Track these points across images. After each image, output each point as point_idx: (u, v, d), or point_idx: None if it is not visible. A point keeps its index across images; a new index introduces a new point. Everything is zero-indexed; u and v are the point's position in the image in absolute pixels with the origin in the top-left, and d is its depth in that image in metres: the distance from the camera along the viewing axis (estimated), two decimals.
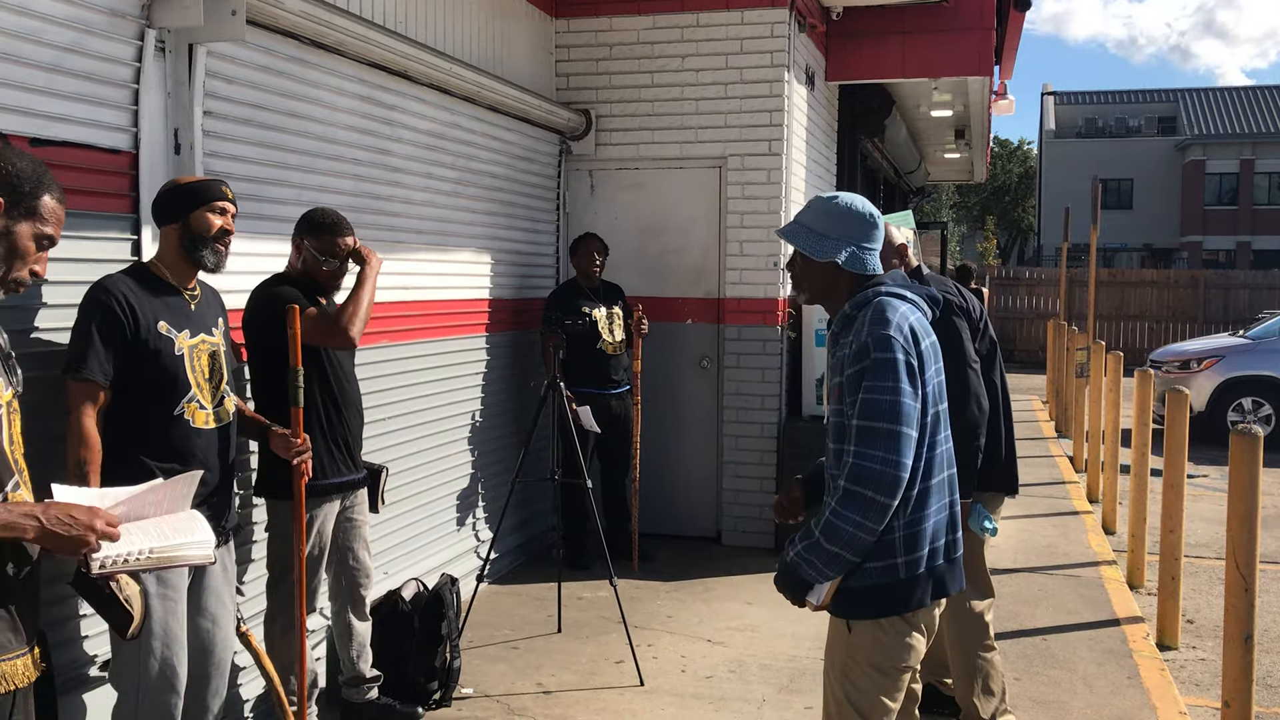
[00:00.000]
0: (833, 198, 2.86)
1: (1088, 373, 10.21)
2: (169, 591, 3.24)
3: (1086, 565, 6.86)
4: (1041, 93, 49.23)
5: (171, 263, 3.37)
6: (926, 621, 2.80)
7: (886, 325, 2.66)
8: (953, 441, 2.88)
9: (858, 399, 2.65)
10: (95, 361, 3.13)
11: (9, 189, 2.15)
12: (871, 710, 2.76)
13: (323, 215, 4.10)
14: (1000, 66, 10.34)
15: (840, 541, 2.63)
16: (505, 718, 4.48)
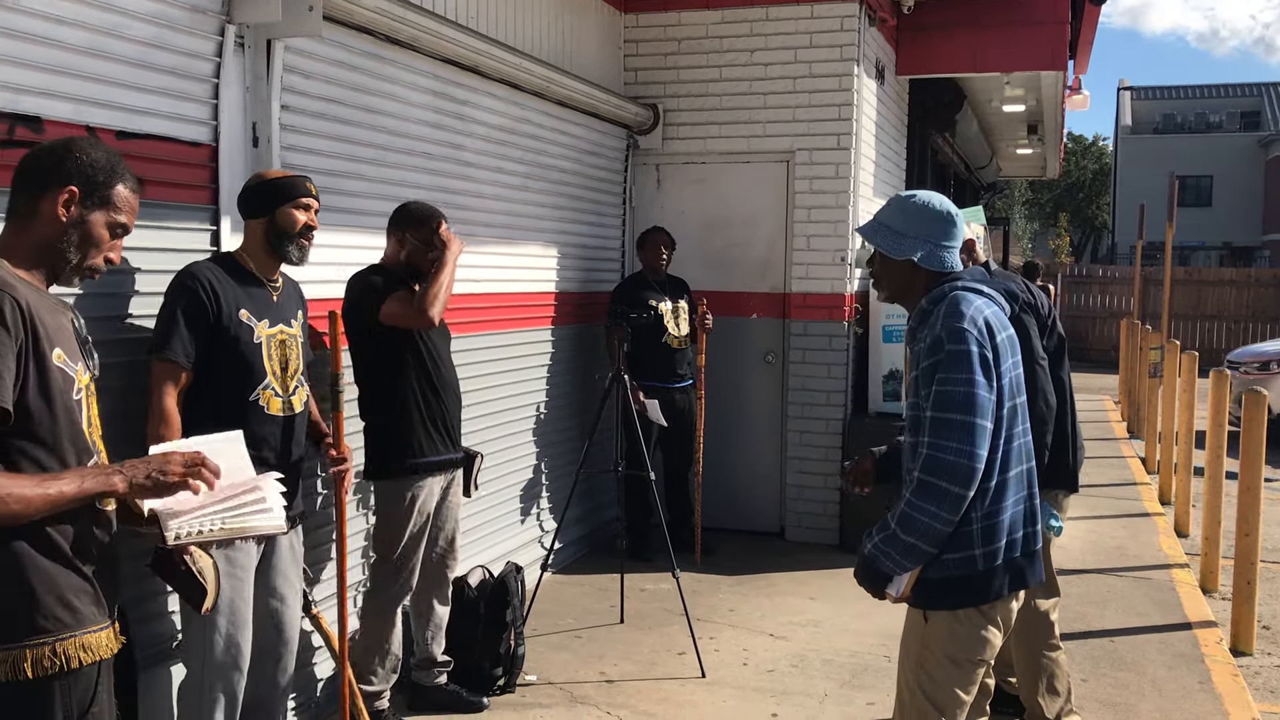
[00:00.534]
0: (910, 196, 2.89)
1: (1161, 372, 10.01)
2: (236, 570, 3.34)
3: (1157, 568, 6.74)
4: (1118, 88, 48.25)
5: (256, 255, 3.49)
6: (1003, 615, 2.80)
7: (960, 318, 2.68)
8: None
9: (932, 391, 2.67)
10: (179, 343, 3.23)
11: (83, 179, 2.22)
12: (944, 701, 2.78)
13: (421, 208, 4.26)
14: (1074, 61, 10.17)
15: (916, 532, 2.65)
16: (568, 705, 4.53)
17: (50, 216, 2.18)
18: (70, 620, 2.11)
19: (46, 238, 2.19)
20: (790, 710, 4.51)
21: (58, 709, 2.10)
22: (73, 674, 2.11)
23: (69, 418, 2.15)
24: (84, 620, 2.13)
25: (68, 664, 2.09)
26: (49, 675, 2.07)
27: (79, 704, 2.13)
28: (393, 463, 4.16)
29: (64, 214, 2.19)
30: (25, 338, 2.06)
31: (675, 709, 4.50)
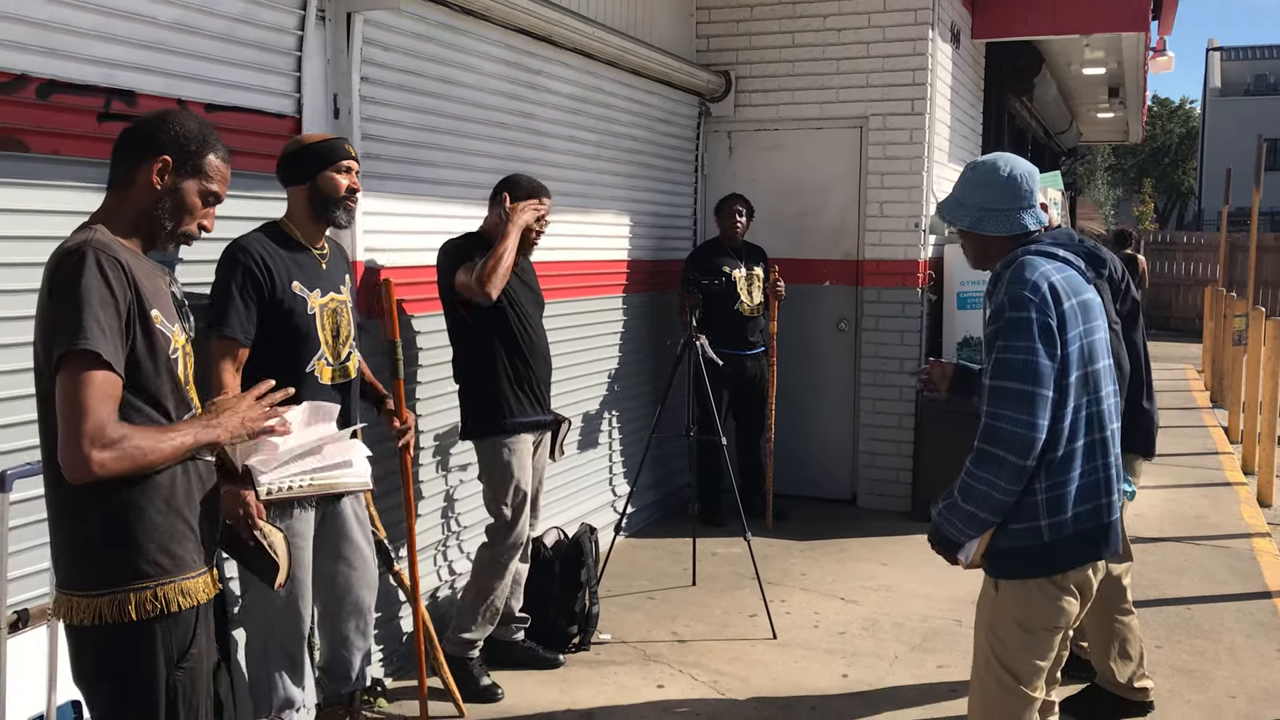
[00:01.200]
0: (972, 164, 2.90)
1: (1246, 340, 9.79)
2: (295, 539, 3.39)
3: (1238, 537, 6.64)
4: (1206, 48, 46.74)
5: (301, 222, 3.48)
6: (1078, 583, 2.78)
7: (1023, 284, 2.66)
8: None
9: (992, 358, 2.66)
10: (236, 320, 3.26)
11: (177, 148, 2.32)
12: (1018, 668, 2.78)
13: (527, 180, 4.35)
14: (1159, 21, 9.91)
15: (975, 500, 2.66)
16: (641, 663, 4.63)
17: (146, 185, 2.30)
18: (170, 566, 2.24)
19: (143, 205, 2.31)
20: (861, 671, 4.56)
21: (159, 649, 2.23)
22: (173, 617, 2.24)
23: (169, 373, 2.28)
24: (183, 566, 2.26)
25: (168, 607, 2.22)
26: (151, 618, 2.21)
27: (179, 646, 2.26)
28: (487, 421, 4.27)
29: (158, 182, 2.30)
30: (130, 295, 2.19)
31: (747, 668, 4.58)
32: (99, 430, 2.08)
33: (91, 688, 2.27)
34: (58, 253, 2.21)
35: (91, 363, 2.10)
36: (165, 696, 2.24)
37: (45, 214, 3.01)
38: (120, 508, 2.18)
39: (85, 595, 2.19)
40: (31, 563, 3.00)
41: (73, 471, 2.09)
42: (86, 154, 3.10)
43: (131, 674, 2.22)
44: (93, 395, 2.09)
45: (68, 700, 2.96)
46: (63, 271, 2.15)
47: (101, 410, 2.10)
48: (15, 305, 2.94)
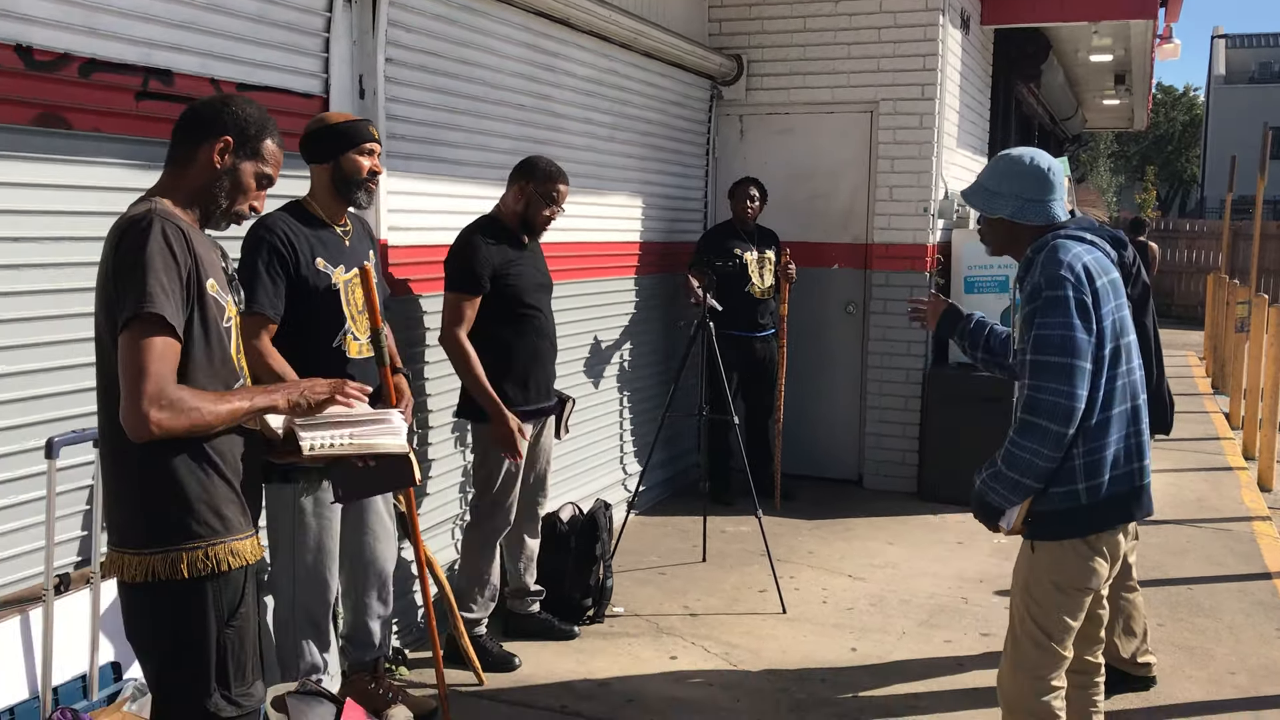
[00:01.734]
0: (1003, 155, 3.06)
1: (1248, 327, 9.87)
2: (324, 510, 3.52)
3: (1238, 520, 6.74)
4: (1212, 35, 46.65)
5: (323, 200, 3.54)
6: (1109, 546, 2.95)
7: (1058, 265, 2.82)
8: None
9: (1031, 335, 2.83)
10: (265, 297, 3.33)
11: (238, 131, 2.42)
12: (1051, 626, 2.96)
13: (547, 163, 4.35)
14: (1165, 9, 9.96)
15: (1019, 468, 2.83)
16: (654, 635, 4.74)
17: (206, 163, 2.39)
18: (220, 527, 2.33)
19: (202, 182, 2.40)
20: (868, 646, 4.66)
21: (210, 606, 2.32)
22: (223, 576, 2.33)
23: (221, 343, 2.37)
24: (232, 528, 2.36)
25: (218, 567, 2.32)
26: (202, 576, 2.30)
27: (229, 604, 2.35)
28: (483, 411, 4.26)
29: (219, 161, 2.39)
30: (191, 263, 2.28)
31: (757, 641, 4.68)
32: (159, 391, 2.18)
33: (145, 644, 2.37)
34: (122, 221, 2.30)
35: (155, 326, 2.20)
36: (216, 653, 2.33)
37: (86, 189, 3.09)
38: (173, 470, 2.28)
39: (138, 553, 2.29)
40: (76, 527, 3.09)
41: (134, 430, 2.19)
42: (125, 131, 3.19)
43: (184, 631, 2.31)
44: (154, 357, 2.19)
45: (108, 661, 3.06)
46: (129, 238, 2.24)
47: (162, 371, 2.19)
48: (59, 278, 3.03)
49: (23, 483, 2.97)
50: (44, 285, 3.00)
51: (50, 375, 3.02)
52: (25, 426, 2.97)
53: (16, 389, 2.95)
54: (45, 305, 3.01)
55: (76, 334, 3.03)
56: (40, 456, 2.84)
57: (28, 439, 2.96)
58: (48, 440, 2.81)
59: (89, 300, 3.07)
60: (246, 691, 2.42)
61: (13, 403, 2.94)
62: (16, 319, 2.94)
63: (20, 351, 2.95)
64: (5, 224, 2.90)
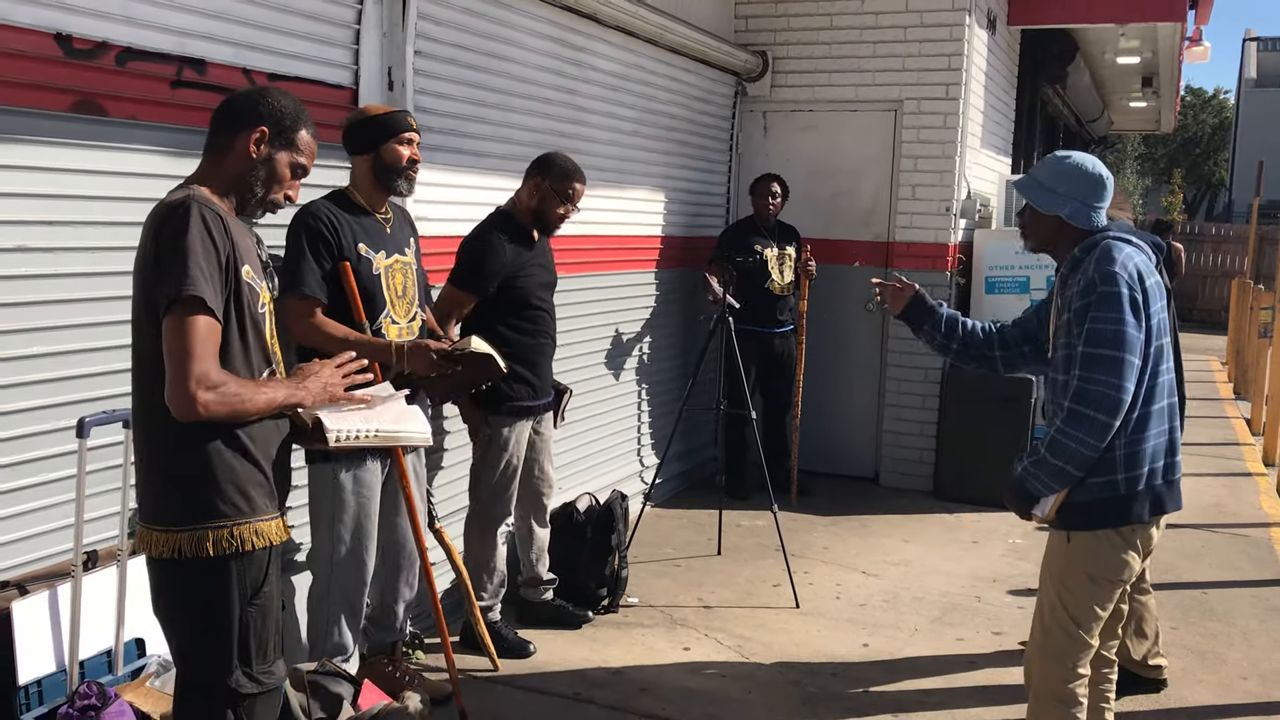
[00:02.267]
0: (1066, 156, 3.12)
1: (1271, 333, 9.83)
2: (362, 489, 3.59)
3: (1256, 525, 6.74)
4: (1243, 38, 46.22)
5: (365, 189, 3.64)
6: (1142, 539, 3.03)
7: (1112, 263, 2.92)
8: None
9: (1084, 329, 2.91)
10: (312, 279, 3.43)
11: (274, 121, 2.48)
12: (1081, 615, 3.04)
13: (565, 160, 4.37)
14: (1195, 11, 9.92)
15: (1064, 456, 2.91)
16: (668, 626, 4.79)
17: (243, 152, 2.45)
18: (246, 508, 2.40)
19: (238, 171, 2.46)
20: (881, 641, 4.70)
21: (234, 584, 2.39)
22: (247, 555, 2.40)
23: (256, 328, 2.43)
24: (258, 509, 2.42)
25: (242, 546, 2.38)
26: (227, 555, 2.37)
27: (253, 583, 2.42)
28: (485, 403, 4.31)
29: (255, 151, 2.46)
30: (230, 248, 2.34)
31: (770, 634, 4.73)
32: (204, 373, 2.26)
33: (170, 620, 2.44)
34: (162, 207, 2.36)
35: (198, 308, 2.27)
36: (238, 630, 2.40)
37: (122, 176, 3.16)
38: (203, 451, 2.34)
39: (167, 530, 2.35)
40: (104, 506, 3.16)
41: (179, 409, 2.26)
42: (160, 119, 3.25)
43: (208, 608, 2.38)
44: (199, 340, 2.26)
45: (133, 637, 3.13)
46: (170, 224, 2.30)
47: (207, 354, 2.27)
48: (94, 262, 3.10)
49: (54, 461, 3.04)
50: (80, 269, 3.07)
51: (83, 356, 3.09)
52: (58, 406, 3.04)
53: (51, 369, 3.02)
54: (81, 288, 3.08)
55: (110, 317, 3.10)
56: (72, 435, 2.91)
57: (60, 418, 3.03)
58: (79, 420, 2.87)
59: (123, 284, 3.15)
60: (267, 669, 2.48)
61: (47, 383, 3.01)
62: (53, 300, 3.01)
63: (55, 333, 3.02)
64: (44, 208, 2.97)
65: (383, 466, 3.69)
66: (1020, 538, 6.20)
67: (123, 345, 3.14)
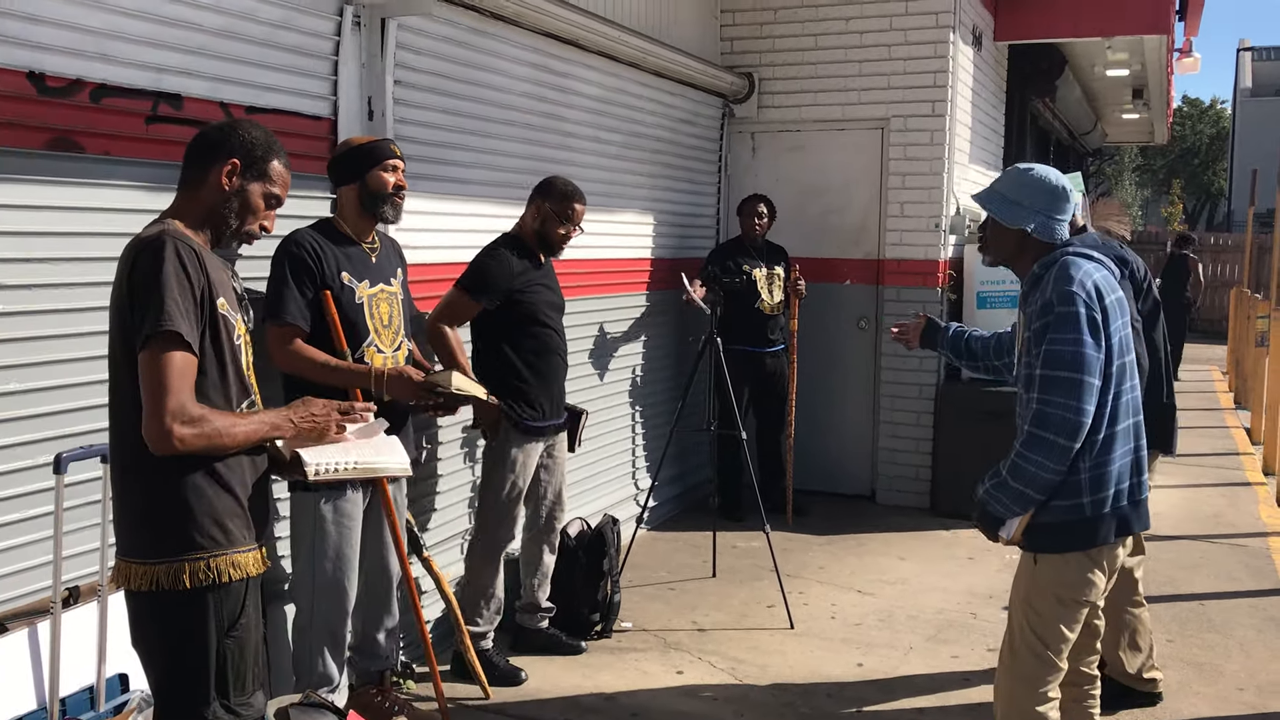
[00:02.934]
0: (1028, 169, 3.08)
1: (1268, 341, 9.81)
2: (343, 520, 3.59)
3: (1255, 535, 6.70)
4: (1238, 48, 46.35)
5: (351, 218, 3.67)
6: (1108, 559, 3.01)
7: (1070, 282, 2.88)
8: None
9: (1042, 350, 2.87)
10: (294, 306, 3.45)
11: (245, 153, 2.49)
12: (1050, 637, 3.01)
13: (564, 183, 4.45)
14: (1184, 22, 9.95)
15: (1024, 480, 2.88)
16: (661, 650, 4.76)
17: (215, 185, 2.47)
18: (223, 539, 2.40)
19: (211, 204, 2.48)
20: (875, 661, 4.67)
21: (211, 617, 2.38)
22: (224, 587, 2.39)
23: (233, 359, 2.44)
24: (235, 540, 2.42)
25: (219, 578, 2.38)
26: (204, 587, 2.36)
27: (229, 615, 2.41)
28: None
29: (227, 183, 2.47)
30: (204, 282, 2.35)
31: (764, 656, 4.70)
32: (180, 407, 2.27)
33: (147, 652, 2.43)
34: (136, 243, 2.38)
35: (174, 343, 2.28)
36: (215, 663, 2.39)
37: (98, 211, 3.17)
38: (178, 483, 2.34)
39: (144, 563, 2.35)
40: (83, 542, 3.15)
41: (156, 444, 2.28)
42: (135, 154, 3.27)
43: (185, 640, 2.37)
44: (175, 374, 2.27)
45: (116, 673, 3.12)
46: (144, 259, 2.32)
47: (183, 388, 2.28)
48: (71, 298, 3.10)
49: (32, 498, 3.04)
50: (55, 305, 3.08)
51: (60, 393, 3.09)
52: (35, 443, 3.04)
53: (27, 406, 3.02)
54: (56, 324, 3.08)
55: (86, 352, 3.10)
56: (49, 472, 2.91)
57: (37, 455, 3.03)
58: (56, 456, 2.87)
59: (99, 319, 3.16)
60: (245, 701, 2.48)
61: (23, 419, 3.01)
62: (28, 338, 3.01)
63: (31, 369, 3.03)
64: (18, 245, 2.97)
65: (364, 496, 3.68)
66: (1017, 553, 6.15)
67: (100, 381, 3.15)
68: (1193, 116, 46.27)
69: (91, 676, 3.04)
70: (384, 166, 3.65)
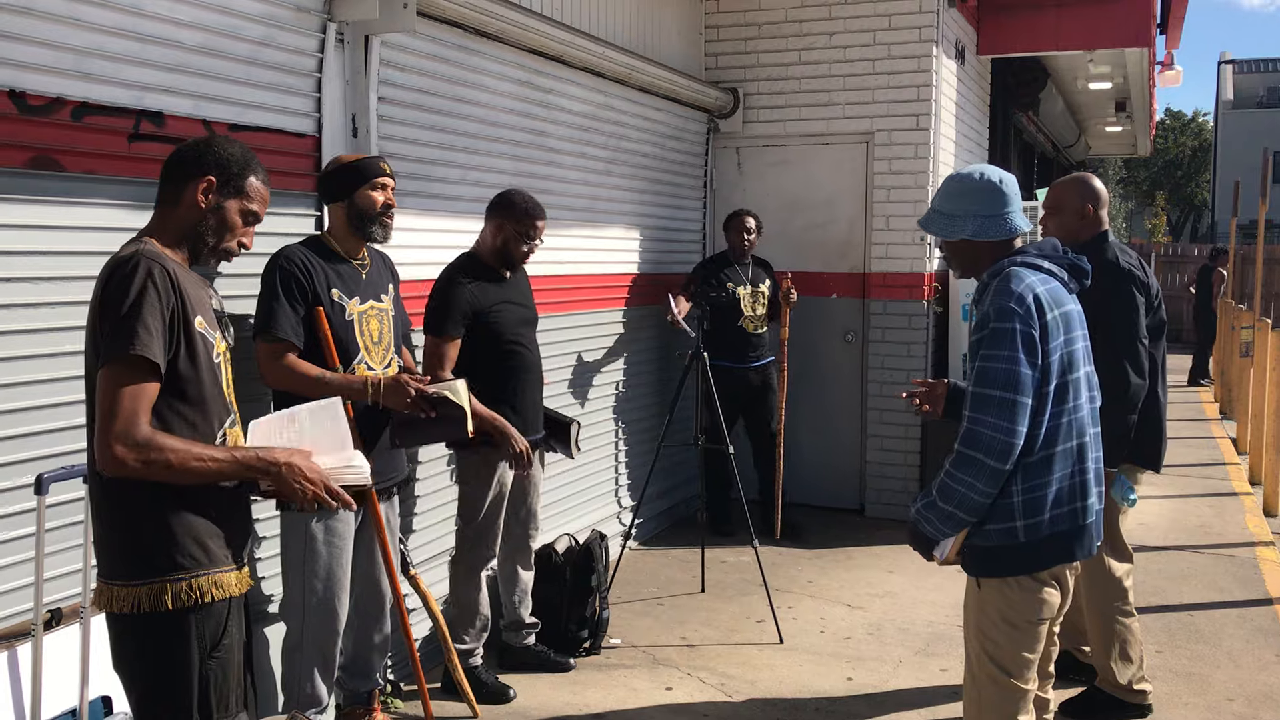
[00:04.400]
0: (953, 176, 3.00)
1: (1253, 352, 9.86)
2: (334, 539, 3.57)
3: (1242, 545, 6.72)
4: (1219, 61, 46.72)
5: (341, 236, 3.66)
6: (1058, 576, 2.89)
7: (1009, 296, 2.75)
8: (1110, 413, 2.92)
9: (975, 366, 2.77)
10: (286, 322, 3.43)
11: (220, 170, 2.48)
12: (1008, 662, 2.89)
13: (524, 201, 4.35)
14: (1166, 36, 10.03)
15: (953, 501, 2.76)
16: (650, 667, 4.74)
17: (191, 203, 2.45)
18: (204, 559, 2.38)
19: (188, 222, 2.46)
20: (865, 675, 4.66)
21: (193, 638, 2.36)
22: (206, 608, 2.37)
23: (212, 378, 2.42)
24: (216, 560, 2.40)
25: (201, 598, 2.36)
26: (185, 608, 2.34)
27: (211, 635, 2.39)
28: (464, 440, 4.27)
29: (203, 201, 2.45)
30: (176, 302, 2.33)
31: (754, 671, 4.68)
32: (126, 430, 2.24)
33: (129, 674, 2.41)
34: (111, 262, 2.36)
35: (134, 365, 2.26)
36: (198, 684, 2.37)
37: (80, 230, 3.16)
38: (158, 504, 2.32)
39: (125, 585, 2.33)
40: (66, 563, 3.13)
41: (101, 464, 2.26)
42: (117, 173, 3.25)
43: (166, 661, 2.35)
44: (128, 396, 2.25)
45: (98, 696, 3.09)
46: (115, 279, 2.30)
47: (134, 410, 2.25)
48: (53, 317, 3.09)
49: (13, 519, 3.02)
50: (35, 324, 3.06)
51: (41, 413, 3.07)
52: (16, 464, 3.01)
53: (7, 426, 2.99)
54: (36, 344, 3.06)
55: (68, 372, 3.08)
56: (30, 493, 2.89)
57: (18, 476, 3.01)
58: (37, 476, 2.85)
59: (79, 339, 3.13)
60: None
61: (4, 440, 2.99)
62: (8, 358, 2.99)
63: (12, 389, 3.00)
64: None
65: (356, 515, 3.66)
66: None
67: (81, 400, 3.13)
68: (1175, 129, 46.62)
69: (74, 699, 3.01)
70: (372, 185, 3.62)
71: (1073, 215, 4.20)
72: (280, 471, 2.41)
